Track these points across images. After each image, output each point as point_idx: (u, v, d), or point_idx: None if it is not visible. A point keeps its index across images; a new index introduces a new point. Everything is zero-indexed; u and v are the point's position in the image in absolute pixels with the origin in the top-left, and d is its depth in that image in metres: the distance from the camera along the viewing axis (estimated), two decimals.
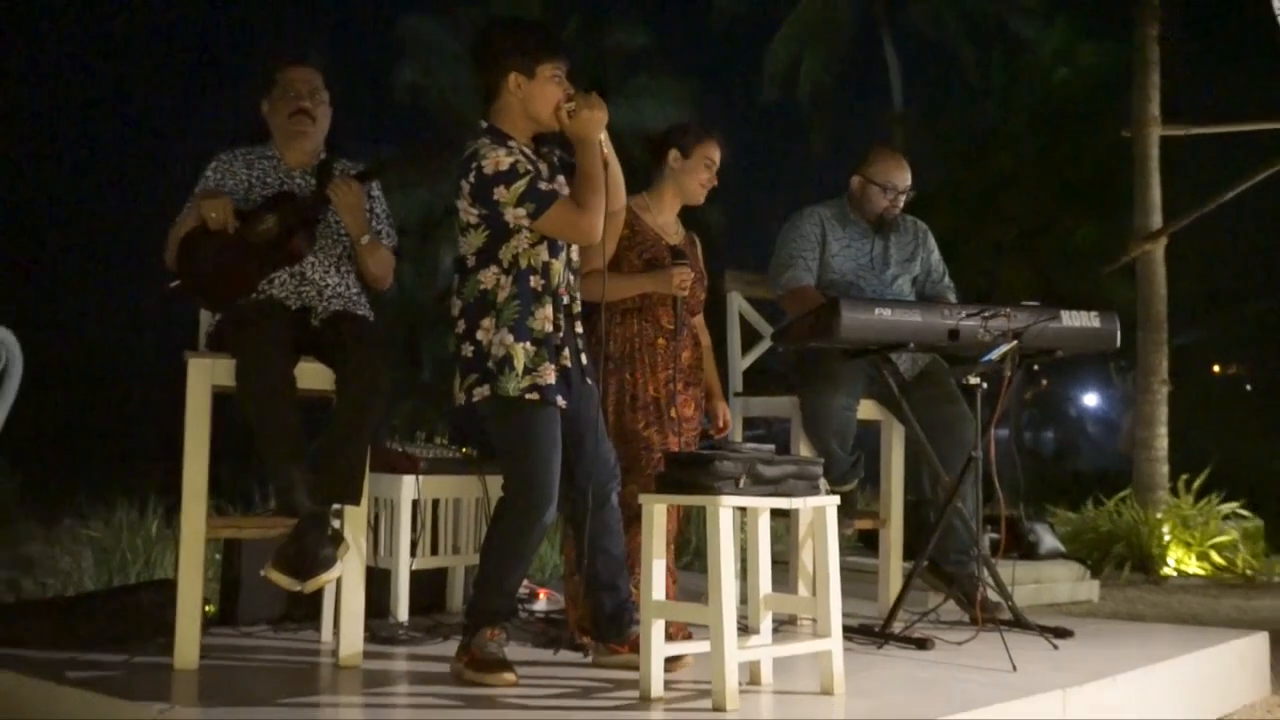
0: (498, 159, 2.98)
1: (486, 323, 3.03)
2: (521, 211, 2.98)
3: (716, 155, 3.71)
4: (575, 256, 3.19)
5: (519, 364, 3.00)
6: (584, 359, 3.17)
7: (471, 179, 3.00)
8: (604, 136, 3.05)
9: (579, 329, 3.18)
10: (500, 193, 2.98)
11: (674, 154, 3.67)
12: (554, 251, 3.08)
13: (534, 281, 3.04)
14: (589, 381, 3.18)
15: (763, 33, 23.18)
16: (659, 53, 21.83)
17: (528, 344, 3.02)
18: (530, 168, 3.02)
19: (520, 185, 2.97)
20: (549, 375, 3.01)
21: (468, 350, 3.05)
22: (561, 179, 3.14)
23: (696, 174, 3.67)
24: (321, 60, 3.59)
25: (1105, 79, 18.49)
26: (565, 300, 3.12)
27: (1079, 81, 20.31)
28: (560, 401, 3.03)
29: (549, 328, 3.04)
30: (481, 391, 3.02)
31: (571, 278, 3.17)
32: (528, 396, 3.00)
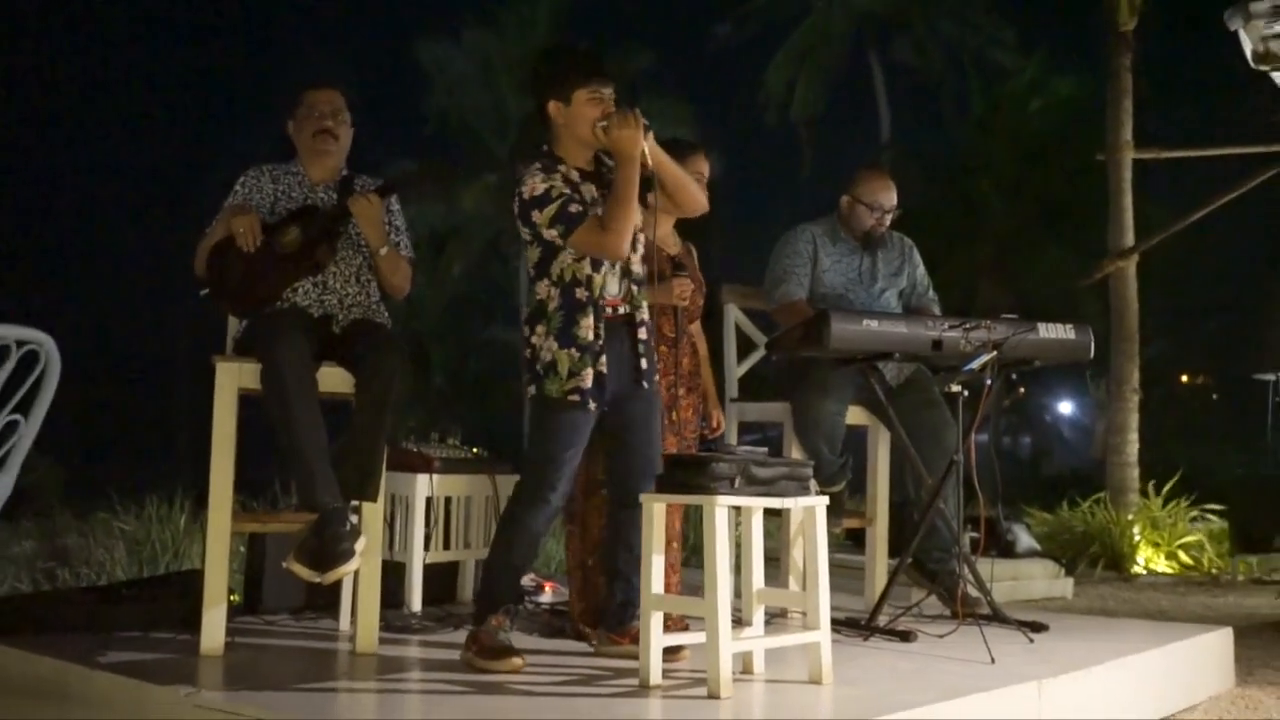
0: (534, 185, 3.04)
1: (540, 329, 3.09)
2: (555, 232, 3.03)
3: (700, 167, 3.68)
4: (637, 268, 3.16)
5: (563, 369, 3.05)
6: (644, 364, 3.14)
7: (517, 204, 3.07)
8: (649, 147, 3.01)
9: (641, 335, 3.15)
10: (537, 216, 3.03)
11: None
12: (596, 266, 3.08)
13: (579, 293, 3.07)
14: (645, 385, 3.15)
15: (760, 59, 23.26)
16: (663, 75, 21.93)
17: (572, 350, 3.05)
18: (565, 191, 3.04)
19: (551, 209, 3.02)
20: (588, 380, 3.04)
21: (527, 353, 3.13)
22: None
23: None
24: (345, 84, 3.60)
25: (1079, 106, 18.53)
26: (621, 310, 3.11)
27: (1055, 109, 20.36)
28: (592, 405, 3.05)
29: (591, 336, 3.05)
30: (531, 391, 3.10)
31: (633, 289, 3.14)
32: (569, 398, 3.04)
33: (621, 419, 3.14)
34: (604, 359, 3.06)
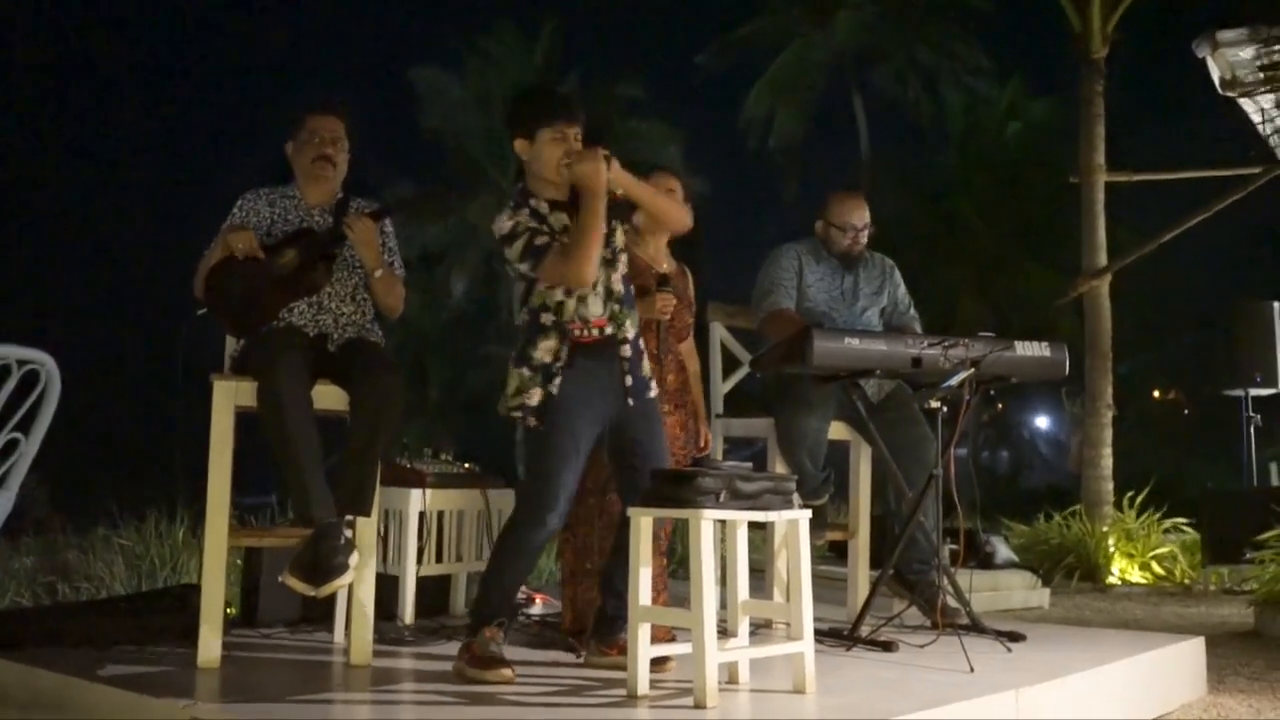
0: (501, 224, 3.06)
1: (514, 353, 3.12)
2: (525, 266, 3.04)
3: (669, 184, 3.66)
4: (618, 286, 3.11)
5: (511, 386, 3.07)
6: (629, 380, 3.09)
7: (496, 244, 3.10)
8: (619, 177, 3.00)
9: (625, 353, 3.10)
10: (508, 252, 3.05)
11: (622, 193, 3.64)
12: (568, 291, 3.07)
13: (545, 318, 3.07)
14: (632, 402, 3.09)
15: (743, 86, 23.37)
16: (650, 102, 22.06)
17: (525, 370, 3.06)
18: (531, 224, 3.04)
19: (519, 245, 3.03)
20: (534, 398, 3.03)
21: None
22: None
23: None
24: (345, 108, 3.60)
25: (1055, 130, 18.64)
26: (607, 330, 3.08)
27: (1032, 133, 20.50)
28: (531, 421, 3.03)
29: (548, 358, 3.05)
30: None
31: (615, 308, 3.10)
32: (512, 415, 3.06)
33: (622, 441, 3.12)
34: (557, 381, 3.03)
